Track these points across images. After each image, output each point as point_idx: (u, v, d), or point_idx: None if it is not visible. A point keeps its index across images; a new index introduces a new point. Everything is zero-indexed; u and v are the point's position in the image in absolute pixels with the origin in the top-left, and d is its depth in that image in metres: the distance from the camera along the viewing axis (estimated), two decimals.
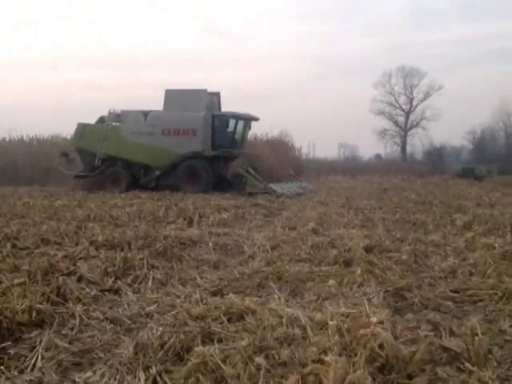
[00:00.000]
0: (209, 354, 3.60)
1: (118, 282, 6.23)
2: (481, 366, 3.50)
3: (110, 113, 24.49)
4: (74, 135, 25.05)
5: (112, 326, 4.67)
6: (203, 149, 22.58)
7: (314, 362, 3.57)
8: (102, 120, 24.83)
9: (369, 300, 5.18)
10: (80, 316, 4.78)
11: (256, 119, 24.97)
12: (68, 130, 34.23)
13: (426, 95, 68.96)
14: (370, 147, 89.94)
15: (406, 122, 71.27)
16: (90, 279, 6.20)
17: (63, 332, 4.47)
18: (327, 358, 3.54)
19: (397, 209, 14.19)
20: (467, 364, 3.56)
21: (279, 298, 5.04)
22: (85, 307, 5.06)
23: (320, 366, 3.39)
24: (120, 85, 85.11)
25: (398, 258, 6.97)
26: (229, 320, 4.47)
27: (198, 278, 6.36)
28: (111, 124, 24.23)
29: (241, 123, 23.98)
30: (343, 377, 3.25)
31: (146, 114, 23.74)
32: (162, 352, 3.86)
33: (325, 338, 3.91)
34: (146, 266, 6.90)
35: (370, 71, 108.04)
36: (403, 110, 71.40)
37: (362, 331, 3.69)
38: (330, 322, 4.09)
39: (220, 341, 4.03)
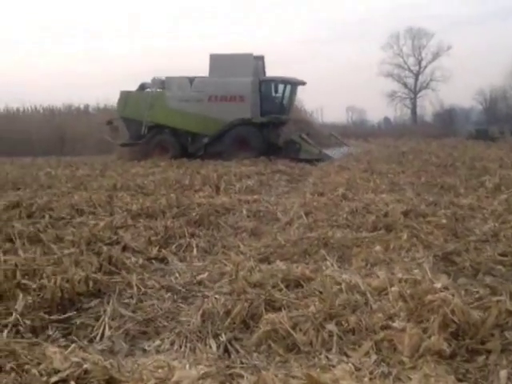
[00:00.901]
0: (278, 322, 3.64)
1: (163, 250, 6.29)
2: None
3: (154, 79, 23.99)
4: (118, 103, 24.55)
5: (169, 294, 4.72)
6: (252, 115, 22.10)
7: (382, 328, 3.61)
8: (142, 87, 24.39)
9: (419, 265, 5.21)
10: (137, 285, 4.82)
11: (303, 83, 24.18)
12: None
13: (435, 56, 68.14)
14: (378, 110, 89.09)
15: (416, 84, 70.59)
16: (134, 248, 6.24)
17: (124, 301, 4.51)
18: (395, 324, 3.58)
19: (420, 172, 14.10)
20: None
21: (332, 265, 5.05)
22: (139, 276, 5.10)
23: (393, 333, 3.42)
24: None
25: (438, 222, 6.94)
26: (287, 287, 4.51)
27: (241, 245, 6.40)
28: (156, 91, 23.73)
29: (288, 88, 23.28)
30: (418, 343, 3.28)
31: (191, 80, 23.12)
32: (228, 320, 3.90)
33: (388, 304, 3.94)
34: (186, 235, 6.94)
35: (378, 33, 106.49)
36: (412, 72, 70.67)
37: (429, 297, 3.71)
38: (392, 288, 4.12)
39: (283, 308, 4.07)
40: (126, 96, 24.04)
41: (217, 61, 22.52)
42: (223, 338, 3.68)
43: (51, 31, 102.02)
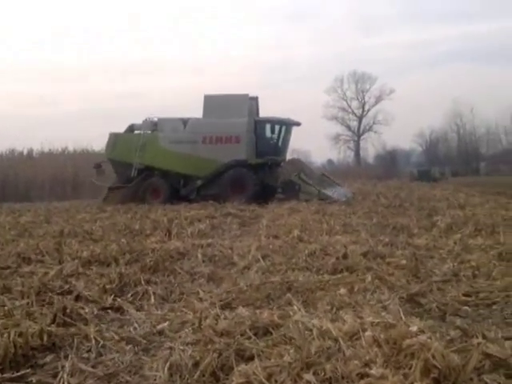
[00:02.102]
0: (252, 373, 3.44)
1: (118, 299, 5.99)
2: None
3: (145, 121, 23.64)
4: (107, 146, 24.06)
5: (130, 346, 4.46)
6: (247, 157, 21.90)
7: (359, 376, 3.46)
8: (131, 129, 24.03)
9: (385, 308, 5.12)
10: (95, 338, 4.54)
11: (298, 124, 24.17)
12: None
13: (378, 99, 70.32)
14: (322, 152, 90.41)
15: (359, 127, 72.41)
16: (88, 297, 5.94)
17: (83, 355, 4.23)
18: (373, 372, 3.43)
19: (371, 213, 14.24)
20: None
21: (299, 310, 4.89)
22: (96, 328, 4.81)
23: (374, 381, 3.27)
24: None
25: (398, 263, 6.92)
26: (255, 334, 4.31)
27: (200, 291, 6.18)
28: (147, 132, 23.34)
29: (283, 129, 23.20)
30: None
31: (185, 121, 22.95)
32: (197, 373, 3.68)
33: (363, 350, 3.79)
34: (142, 282, 6.68)
35: (321, 77, 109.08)
36: (355, 115, 72.51)
37: (408, 341, 3.58)
38: (366, 333, 3.97)
39: (252, 358, 3.88)
40: (114, 138, 23.66)
41: (211, 101, 22.36)
42: None
43: None
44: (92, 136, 75.51)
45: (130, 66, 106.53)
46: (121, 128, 24.25)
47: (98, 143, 37.59)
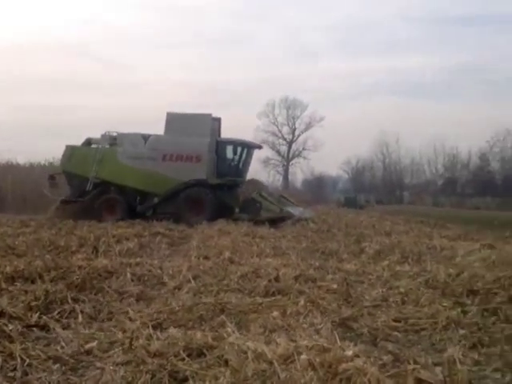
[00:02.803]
0: None
1: (44, 317, 5.76)
2: None
3: (104, 135, 22.95)
4: (62, 157, 23.13)
5: (57, 365, 4.29)
6: (207, 176, 21.49)
7: None
8: (88, 142, 23.26)
9: (317, 331, 5.14)
10: (20, 356, 4.34)
11: (260, 147, 24.09)
12: None
13: (308, 126, 71.47)
14: (252, 176, 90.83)
15: (289, 152, 73.26)
16: (12, 314, 5.69)
17: (8, 375, 4.03)
18: None
19: (300, 237, 14.36)
20: None
21: (233, 332, 4.84)
22: (22, 346, 4.61)
23: None
24: None
25: (329, 287, 6.97)
26: (189, 356, 4.23)
27: (130, 311, 6.03)
28: (106, 147, 22.65)
29: (245, 151, 22.96)
30: None
31: (145, 137, 22.36)
32: None
33: (298, 373, 3.78)
34: (69, 300, 6.46)
35: (253, 102, 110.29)
36: (285, 140, 73.42)
37: (343, 366, 3.60)
38: (301, 356, 3.96)
39: (186, 380, 3.80)
40: (71, 150, 22.85)
41: (173, 119, 21.98)
42: None
43: None
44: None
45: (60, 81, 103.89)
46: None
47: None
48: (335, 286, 6.98)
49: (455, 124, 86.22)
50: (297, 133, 72.44)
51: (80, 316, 5.86)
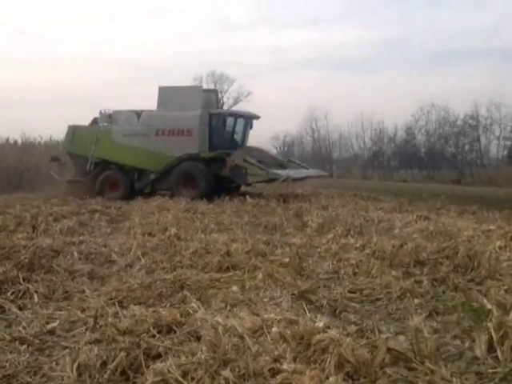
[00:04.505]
0: (167, 371, 3.39)
1: None
2: (432, 364, 3.64)
3: (100, 113, 22.36)
4: (65, 138, 22.86)
5: (24, 346, 4.22)
6: (200, 150, 20.81)
7: (271, 371, 3.52)
8: (95, 122, 22.65)
9: (278, 304, 5.24)
10: None
11: (257, 117, 23.27)
12: None
13: (236, 101, 71.22)
14: None
15: None
16: None
17: None
18: (285, 367, 3.51)
19: (240, 212, 14.44)
20: (417, 363, 3.69)
21: (199, 307, 4.87)
22: None
23: (291, 376, 3.34)
24: None
25: (281, 261, 7.06)
26: (159, 332, 4.25)
27: (86, 290, 5.97)
28: (103, 125, 22.12)
29: (240, 122, 22.22)
30: None
31: (138, 113, 21.76)
32: (108, 372, 3.56)
33: (271, 346, 3.86)
34: (21, 280, 6.32)
35: (180, 77, 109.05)
36: None
37: (318, 337, 3.70)
38: (273, 329, 4.05)
39: (160, 356, 3.82)
40: (73, 130, 22.45)
41: (165, 93, 21.43)
42: None
43: None
44: None
45: None
46: None
47: None
48: (287, 260, 7.07)
49: (382, 99, 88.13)
50: (225, 107, 72.30)
51: (36, 296, 5.75)
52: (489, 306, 4.88)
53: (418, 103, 58.35)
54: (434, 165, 51.25)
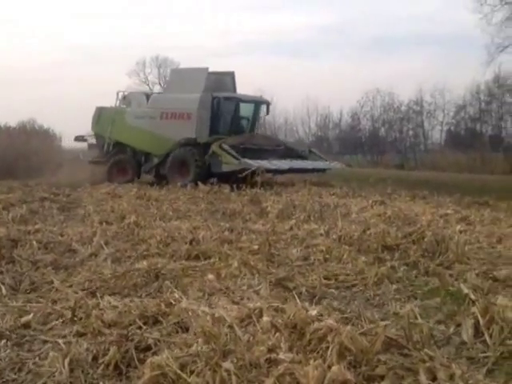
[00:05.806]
0: (164, 364, 3.28)
1: None
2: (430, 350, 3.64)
3: (117, 95, 22.01)
4: (92, 119, 22.16)
5: (3, 341, 4.03)
6: (197, 135, 19.71)
7: (267, 361, 3.46)
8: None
9: (256, 292, 5.18)
10: None
11: (267, 103, 22.23)
12: None
13: None
14: None
15: None
16: None
17: None
18: (281, 357, 3.45)
19: (194, 198, 14.31)
20: (410, 349, 3.69)
21: (181, 297, 4.75)
22: None
23: (293, 366, 3.28)
24: None
25: (251, 249, 6.99)
26: (145, 324, 4.13)
27: (55, 280, 5.76)
28: (119, 107, 21.71)
29: (248, 107, 21.11)
30: (323, 375, 3.18)
31: (148, 96, 21.39)
32: (101, 367, 3.42)
33: (263, 336, 3.79)
34: None
35: (124, 60, 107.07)
36: None
37: (315, 326, 3.65)
38: (264, 318, 3.98)
39: (149, 348, 3.71)
40: (99, 111, 22.02)
41: (174, 75, 21.23)
42: None
43: None
44: None
45: None
46: None
47: None
48: (256, 247, 7.02)
49: (328, 84, 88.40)
50: None
51: (3, 288, 5.51)
52: (466, 290, 4.93)
53: (363, 89, 58.83)
54: (378, 150, 51.96)
